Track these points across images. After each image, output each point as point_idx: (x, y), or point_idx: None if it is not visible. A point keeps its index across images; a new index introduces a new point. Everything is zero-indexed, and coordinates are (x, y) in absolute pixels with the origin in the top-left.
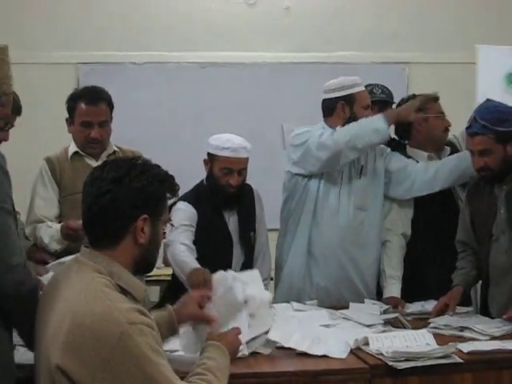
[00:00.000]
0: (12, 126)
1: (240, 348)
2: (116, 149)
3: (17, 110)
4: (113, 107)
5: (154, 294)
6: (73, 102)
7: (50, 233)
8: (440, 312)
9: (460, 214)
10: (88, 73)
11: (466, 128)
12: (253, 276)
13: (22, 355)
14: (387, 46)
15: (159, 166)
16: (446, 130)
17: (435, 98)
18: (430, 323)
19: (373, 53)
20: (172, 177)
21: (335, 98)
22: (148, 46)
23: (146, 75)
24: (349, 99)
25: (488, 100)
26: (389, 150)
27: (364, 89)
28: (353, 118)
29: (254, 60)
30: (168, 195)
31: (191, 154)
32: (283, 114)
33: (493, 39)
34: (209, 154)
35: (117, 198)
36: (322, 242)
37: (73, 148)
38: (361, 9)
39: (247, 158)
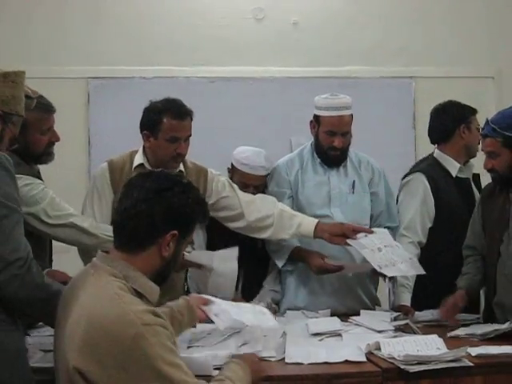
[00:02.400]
0: (54, 123)
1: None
2: (182, 168)
3: (48, 109)
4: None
5: None
6: (158, 114)
7: None
8: (449, 314)
9: (471, 218)
10: (98, 87)
11: (481, 129)
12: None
13: (42, 358)
14: (394, 61)
15: (198, 190)
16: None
17: (475, 111)
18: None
19: (380, 67)
20: (206, 204)
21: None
22: (157, 60)
23: (156, 90)
24: (316, 119)
25: None
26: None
27: (334, 114)
28: (316, 139)
29: (263, 74)
30: (201, 220)
31: None
32: (292, 128)
33: (499, 54)
34: (232, 164)
35: (154, 209)
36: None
37: (140, 159)
38: (368, 23)
39: (265, 176)
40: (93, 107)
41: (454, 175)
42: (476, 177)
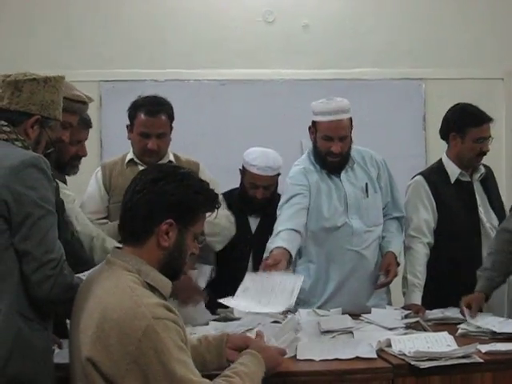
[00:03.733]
0: (86, 139)
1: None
2: (172, 158)
3: (86, 123)
4: (173, 118)
5: None
6: (133, 110)
7: None
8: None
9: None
10: (110, 90)
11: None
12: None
13: (58, 354)
14: (404, 63)
15: (202, 181)
16: (481, 153)
17: (481, 120)
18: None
19: (390, 69)
20: (212, 194)
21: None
22: (169, 63)
23: (167, 92)
24: (313, 125)
25: None
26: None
27: (330, 118)
28: (315, 145)
29: (273, 77)
30: (205, 209)
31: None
32: (302, 130)
33: (509, 55)
34: (243, 165)
35: (148, 198)
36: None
37: (130, 155)
38: (378, 26)
39: (274, 176)
40: (105, 110)
41: (451, 181)
42: (488, 174)
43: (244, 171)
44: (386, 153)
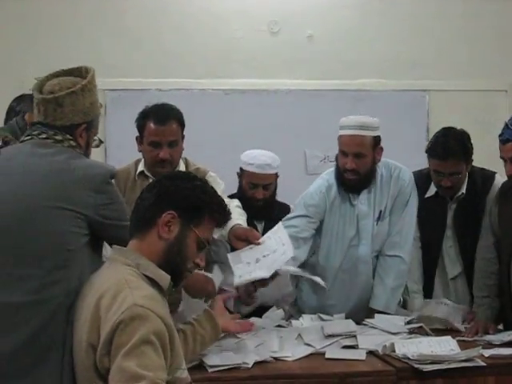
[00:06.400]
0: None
1: None
2: (183, 168)
3: None
4: (184, 126)
5: None
6: (142, 120)
7: None
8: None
9: (482, 229)
10: (115, 99)
11: (499, 135)
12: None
13: None
14: (408, 74)
15: (213, 188)
16: (440, 187)
17: (438, 155)
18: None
19: (394, 80)
20: (220, 201)
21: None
22: (173, 73)
23: (172, 102)
24: (338, 139)
25: None
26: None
27: (347, 133)
28: (336, 161)
29: (278, 87)
30: (211, 212)
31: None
32: (306, 140)
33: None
34: (240, 167)
35: (156, 191)
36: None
37: (141, 167)
38: (382, 37)
39: (273, 174)
40: (109, 119)
41: (431, 192)
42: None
43: (242, 172)
44: None
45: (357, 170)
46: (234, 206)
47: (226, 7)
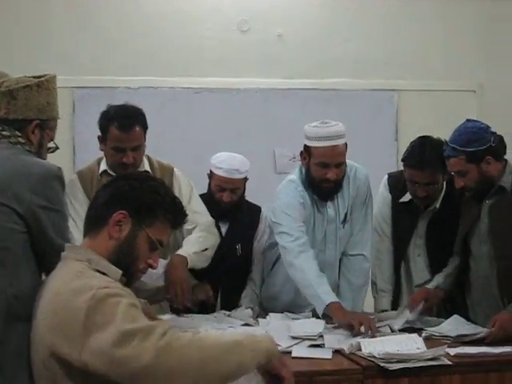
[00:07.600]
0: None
1: None
2: (147, 167)
3: None
4: (147, 127)
5: None
6: (105, 122)
7: None
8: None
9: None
10: (83, 97)
11: (444, 151)
12: None
13: None
14: (377, 74)
15: (168, 188)
16: (417, 197)
17: (413, 164)
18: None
19: (363, 80)
20: (174, 202)
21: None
22: (142, 71)
23: (140, 100)
24: (306, 150)
25: (468, 120)
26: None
27: (326, 144)
28: (308, 171)
29: (247, 86)
30: (163, 212)
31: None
32: (275, 139)
33: (481, 68)
34: (210, 169)
35: (109, 190)
36: None
37: (103, 166)
38: (352, 37)
39: (241, 179)
40: (78, 117)
41: (407, 198)
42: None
43: (211, 175)
44: (357, 163)
45: (337, 179)
46: (200, 229)
47: (196, 6)
